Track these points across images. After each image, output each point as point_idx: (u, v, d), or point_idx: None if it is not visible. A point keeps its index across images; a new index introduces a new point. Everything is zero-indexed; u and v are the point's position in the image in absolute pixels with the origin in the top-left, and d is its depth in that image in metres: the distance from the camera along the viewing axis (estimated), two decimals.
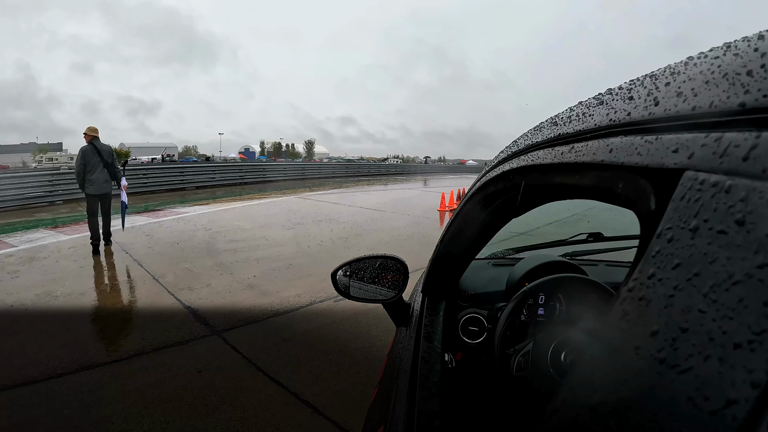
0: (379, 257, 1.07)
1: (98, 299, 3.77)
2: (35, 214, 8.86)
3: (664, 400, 0.21)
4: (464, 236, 0.84)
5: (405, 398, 0.73)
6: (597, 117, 0.43)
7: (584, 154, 0.41)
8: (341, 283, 1.07)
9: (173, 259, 5.07)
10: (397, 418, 0.71)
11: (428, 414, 0.66)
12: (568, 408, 0.29)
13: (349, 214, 8.92)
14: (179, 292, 3.90)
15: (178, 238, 6.27)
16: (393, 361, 1.00)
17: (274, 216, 8.58)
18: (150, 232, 6.72)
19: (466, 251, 0.87)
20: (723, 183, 0.23)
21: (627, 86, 0.42)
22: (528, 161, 0.56)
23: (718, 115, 0.26)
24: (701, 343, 0.20)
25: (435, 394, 0.70)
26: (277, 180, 19.63)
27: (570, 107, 0.54)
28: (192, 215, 8.58)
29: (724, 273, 0.20)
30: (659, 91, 0.35)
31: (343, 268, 1.07)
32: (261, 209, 9.78)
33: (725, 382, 0.18)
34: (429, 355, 0.82)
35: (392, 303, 1.06)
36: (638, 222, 0.32)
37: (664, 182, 0.29)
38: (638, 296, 0.26)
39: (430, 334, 0.88)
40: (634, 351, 0.24)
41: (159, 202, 11.09)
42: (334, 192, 14.72)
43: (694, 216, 0.24)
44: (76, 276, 4.37)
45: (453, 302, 1.09)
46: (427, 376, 0.75)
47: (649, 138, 0.32)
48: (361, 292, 1.06)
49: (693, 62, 0.34)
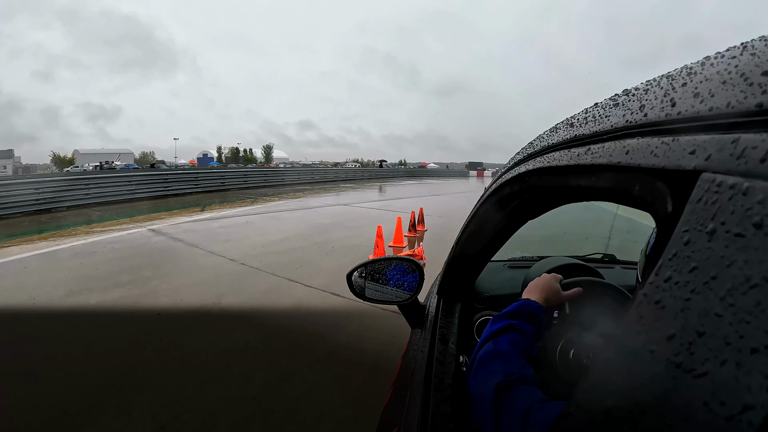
0: (394, 259, 1.07)
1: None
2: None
3: (679, 404, 0.20)
4: (480, 238, 0.83)
5: (419, 400, 0.73)
6: (613, 118, 0.42)
7: (600, 156, 0.41)
8: (356, 285, 1.07)
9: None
10: (410, 420, 0.71)
11: (442, 417, 0.66)
12: (582, 411, 0.29)
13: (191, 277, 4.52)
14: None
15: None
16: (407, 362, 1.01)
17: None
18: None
19: (482, 253, 0.87)
20: (740, 185, 0.22)
21: (643, 87, 0.41)
22: (544, 163, 0.56)
23: (735, 116, 0.26)
24: (718, 347, 0.20)
25: (449, 396, 0.70)
26: (213, 188, 16.45)
27: (586, 108, 0.54)
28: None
29: (742, 276, 0.20)
30: (676, 92, 0.34)
31: (358, 269, 1.07)
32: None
33: (741, 387, 0.18)
34: (444, 357, 0.81)
35: (407, 305, 1.06)
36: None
37: (680, 184, 0.28)
38: (654, 299, 0.25)
39: (445, 336, 0.88)
40: (650, 355, 0.23)
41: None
42: (233, 214, 9.88)
43: (711, 218, 0.24)
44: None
45: (468, 304, 1.08)
46: (441, 379, 0.75)
47: (666, 139, 0.31)
48: (376, 294, 1.06)
49: (710, 62, 0.33)
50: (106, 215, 9.71)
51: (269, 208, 11.17)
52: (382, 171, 39.61)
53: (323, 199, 14.05)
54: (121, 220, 8.93)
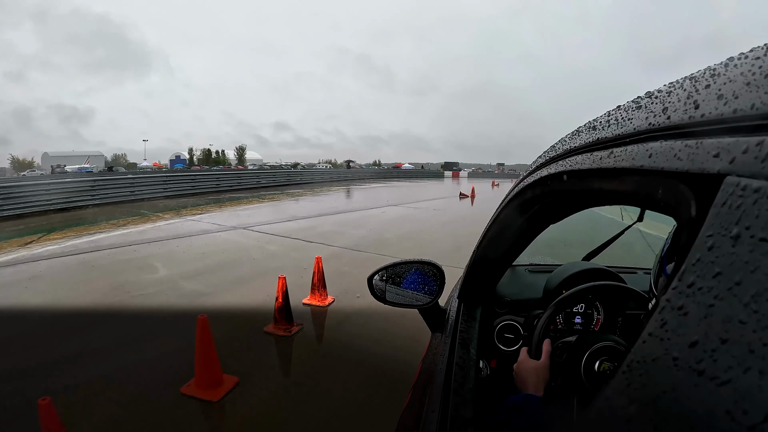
0: (415, 262, 1.07)
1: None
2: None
3: (701, 412, 0.20)
4: (501, 242, 0.83)
5: (438, 404, 0.73)
6: (636, 121, 0.42)
7: (623, 159, 0.40)
8: (377, 288, 1.07)
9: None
10: (429, 423, 0.71)
11: (461, 421, 0.66)
12: (603, 419, 0.29)
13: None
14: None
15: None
16: (427, 366, 1.01)
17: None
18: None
19: (503, 257, 0.86)
20: (765, 188, 0.22)
21: (666, 89, 0.41)
22: (566, 166, 0.55)
23: (759, 118, 0.25)
24: (741, 354, 0.19)
25: (469, 401, 0.70)
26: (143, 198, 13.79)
27: (608, 111, 0.53)
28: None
29: (766, 282, 0.20)
30: (699, 94, 0.33)
31: (379, 272, 1.07)
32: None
33: (765, 395, 0.18)
34: (464, 361, 0.81)
35: (428, 308, 1.06)
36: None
37: (704, 188, 0.28)
38: (677, 305, 0.25)
39: (466, 341, 0.88)
40: (673, 362, 0.23)
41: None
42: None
43: (736, 223, 0.23)
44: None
45: (489, 309, 1.07)
46: (461, 383, 0.75)
47: (690, 142, 0.31)
48: (397, 297, 1.06)
49: (733, 63, 0.32)
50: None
51: (102, 241, 6.91)
52: (350, 172, 35.82)
53: (228, 217, 10.02)
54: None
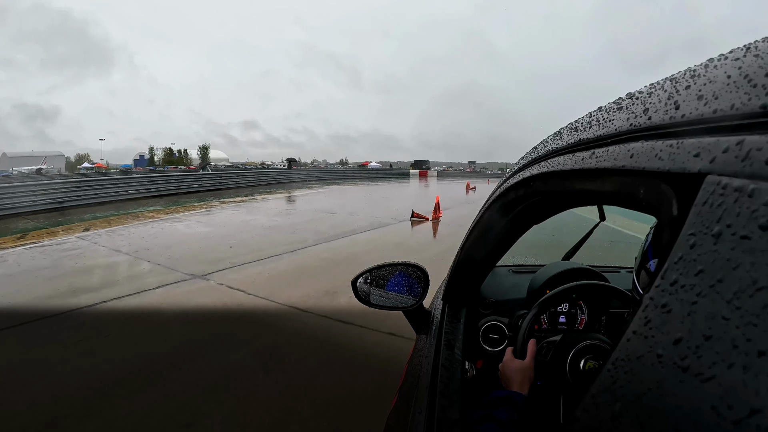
0: (399, 264, 1.06)
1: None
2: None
3: (686, 409, 0.20)
4: (485, 243, 0.83)
5: (425, 406, 0.72)
6: (617, 122, 0.42)
7: (605, 160, 0.41)
8: (362, 291, 1.06)
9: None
10: (416, 425, 0.71)
11: (448, 423, 0.66)
12: (589, 416, 0.29)
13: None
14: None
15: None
16: (413, 368, 1.00)
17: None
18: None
19: (487, 258, 0.86)
20: (746, 187, 0.22)
21: (647, 90, 0.41)
22: (548, 167, 0.56)
23: (739, 117, 0.26)
24: (725, 350, 0.20)
25: (455, 402, 0.70)
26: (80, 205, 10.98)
27: (589, 112, 0.54)
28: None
29: (748, 279, 0.20)
30: (680, 95, 0.34)
31: (363, 275, 1.06)
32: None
33: (749, 390, 0.18)
34: (449, 363, 0.81)
35: (413, 310, 1.06)
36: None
37: (686, 187, 0.28)
38: (661, 303, 0.25)
39: (451, 342, 0.88)
40: (657, 359, 0.23)
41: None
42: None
43: (717, 221, 0.24)
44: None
45: (474, 310, 1.07)
46: (447, 385, 0.74)
47: (671, 142, 0.31)
48: (381, 300, 1.05)
49: (713, 64, 0.33)
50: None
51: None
52: (291, 173, 28.14)
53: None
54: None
